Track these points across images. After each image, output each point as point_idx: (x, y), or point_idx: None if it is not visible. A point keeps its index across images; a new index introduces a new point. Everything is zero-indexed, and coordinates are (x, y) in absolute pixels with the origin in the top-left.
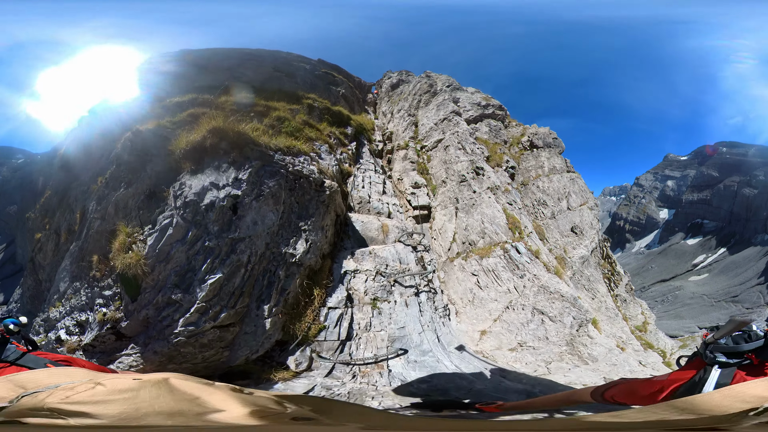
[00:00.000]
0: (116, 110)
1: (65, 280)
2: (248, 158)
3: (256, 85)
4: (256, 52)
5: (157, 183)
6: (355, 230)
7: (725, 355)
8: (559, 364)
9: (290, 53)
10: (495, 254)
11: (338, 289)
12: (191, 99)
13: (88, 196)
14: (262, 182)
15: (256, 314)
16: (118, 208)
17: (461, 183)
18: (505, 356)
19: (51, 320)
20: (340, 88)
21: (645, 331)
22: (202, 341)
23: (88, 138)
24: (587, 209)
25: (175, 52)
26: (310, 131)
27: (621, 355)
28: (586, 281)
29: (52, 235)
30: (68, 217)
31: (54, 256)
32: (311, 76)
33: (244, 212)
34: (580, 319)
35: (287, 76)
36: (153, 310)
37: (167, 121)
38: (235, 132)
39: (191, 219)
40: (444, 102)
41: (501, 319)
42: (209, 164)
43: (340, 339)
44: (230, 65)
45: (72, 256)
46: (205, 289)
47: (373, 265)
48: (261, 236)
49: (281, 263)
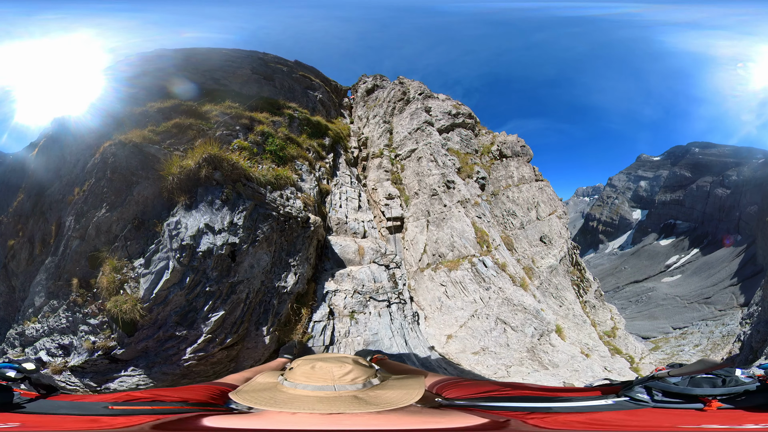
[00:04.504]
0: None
1: (41, 295)
2: (241, 196)
3: (235, 89)
4: (233, 52)
5: (147, 211)
6: (334, 253)
7: (665, 394)
8: (518, 368)
9: (267, 54)
10: (463, 267)
11: (321, 306)
12: (174, 105)
13: (63, 207)
14: (256, 227)
15: (255, 334)
16: (100, 231)
17: (432, 196)
18: (468, 359)
19: (27, 336)
20: (318, 92)
21: (614, 336)
22: (212, 360)
23: (62, 140)
24: (556, 218)
25: (150, 51)
26: (291, 148)
27: (585, 362)
28: (554, 289)
29: (25, 244)
30: (42, 227)
31: (28, 265)
32: (289, 79)
33: (242, 258)
34: (541, 330)
35: (265, 78)
36: (154, 342)
37: (150, 131)
38: (229, 164)
39: (188, 264)
40: (417, 111)
41: (466, 325)
42: (202, 198)
43: (325, 344)
44: (209, 66)
45: (48, 271)
46: (210, 324)
47: (351, 286)
48: (257, 276)
49: (274, 294)
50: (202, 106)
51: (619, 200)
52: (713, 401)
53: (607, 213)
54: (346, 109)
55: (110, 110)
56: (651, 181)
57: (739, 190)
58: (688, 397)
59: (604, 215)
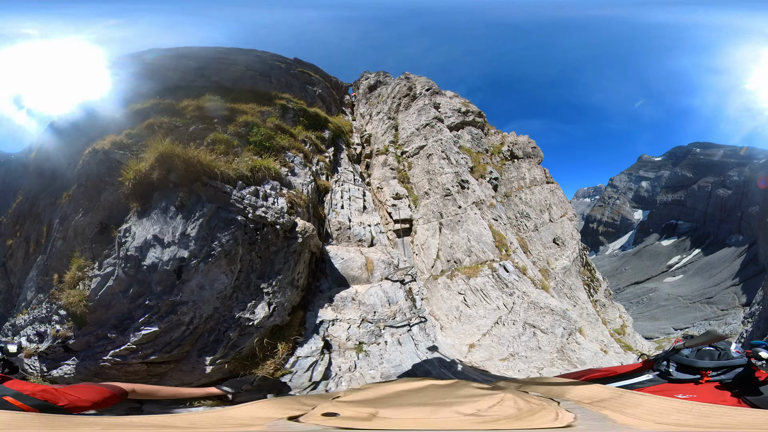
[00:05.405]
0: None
1: (32, 290)
2: (200, 200)
3: (227, 86)
4: (229, 50)
5: (110, 216)
6: (334, 269)
7: (679, 366)
8: (550, 369)
9: (265, 52)
10: (483, 273)
11: (312, 339)
12: (152, 105)
13: (54, 210)
14: (213, 237)
15: (197, 360)
16: (76, 233)
17: (446, 197)
18: (496, 365)
19: (17, 326)
20: (317, 87)
21: (623, 333)
22: (128, 369)
23: (57, 145)
24: (567, 220)
25: (142, 51)
26: (282, 138)
27: (605, 357)
28: (568, 290)
29: (22, 243)
30: (37, 228)
31: (24, 263)
32: (286, 75)
33: (189, 276)
34: (570, 329)
35: (261, 75)
36: (93, 338)
37: (125, 135)
38: (183, 160)
39: (133, 275)
40: (425, 107)
41: (490, 333)
42: (157, 204)
43: (313, 381)
44: (200, 65)
45: (38, 268)
46: (138, 336)
47: (357, 314)
48: (208, 301)
49: (233, 326)
50: (180, 103)
51: (621, 201)
52: (705, 374)
53: (608, 214)
54: (347, 107)
55: (99, 114)
56: (652, 181)
57: (740, 191)
58: (691, 369)
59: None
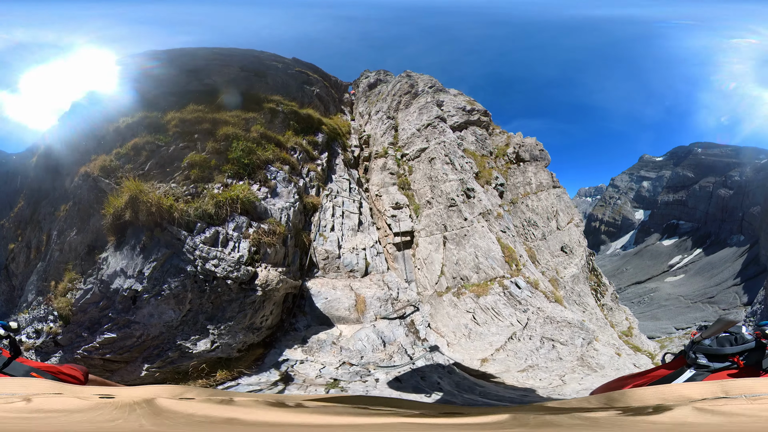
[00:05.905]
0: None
1: (32, 293)
2: (158, 243)
3: (220, 88)
4: (227, 51)
5: (96, 240)
6: (314, 307)
7: (707, 356)
8: (572, 375)
9: (263, 52)
10: (493, 291)
11: (266, 373)
12: (140, 119)
13: (53, 220)
14: (164, 280)
15: (140, 365)
16: (71, 248)
17: (450, 207)
18: (514, 376)
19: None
20: (315, 87)
21: (631, 335)
22: (91, 362)
23: (55, 153)
24: (574, 226)
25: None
26: (266, 150)
27: (620, 360)
28: (576, 297)
29: (23, 248)
30: (37, 235)
31: (25, 267)
32: (284, 75)
33: (141, 305)
34: (588, 338)
35: (256, 75)
36: (74, 335)
37: (114, 155)
38: (147, 206)
39: (104, 293)
40: (427, 105)
41: (504, 348)
42: (129, 240)
43: None
44: (194, 66)
45: (38, 274)
46: (101, 339)
47: (336, 359)
48: (156, 326)
49: (173, 348)
50: (165, 116)
51: (622, 200)
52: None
53: (610, 213)
54: (346, 106)
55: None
56: (654, 181)
57: (742, 191)
58: (720, 357)
59: (606, 216)
